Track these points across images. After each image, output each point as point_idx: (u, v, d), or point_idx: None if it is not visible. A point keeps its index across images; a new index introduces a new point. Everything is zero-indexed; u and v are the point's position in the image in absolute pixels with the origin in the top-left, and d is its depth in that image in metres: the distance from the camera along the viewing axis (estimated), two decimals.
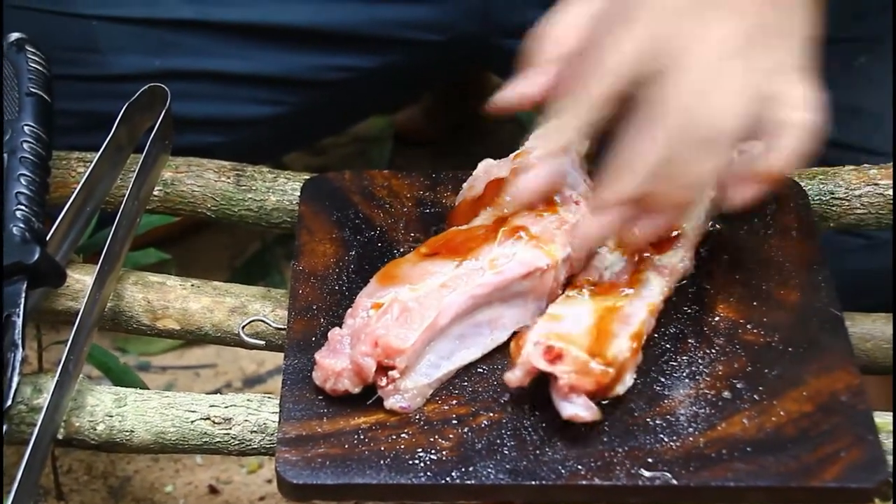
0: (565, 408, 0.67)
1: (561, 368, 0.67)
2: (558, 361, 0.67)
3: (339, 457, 0.67)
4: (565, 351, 0.67)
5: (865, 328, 0.77)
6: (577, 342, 0.68)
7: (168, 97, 0.80)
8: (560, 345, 0.67)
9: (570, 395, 0.67)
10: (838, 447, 0.67)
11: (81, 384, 0.72)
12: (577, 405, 0.67)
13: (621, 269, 0.73)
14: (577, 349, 0.67)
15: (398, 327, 0.68)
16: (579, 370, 0.67)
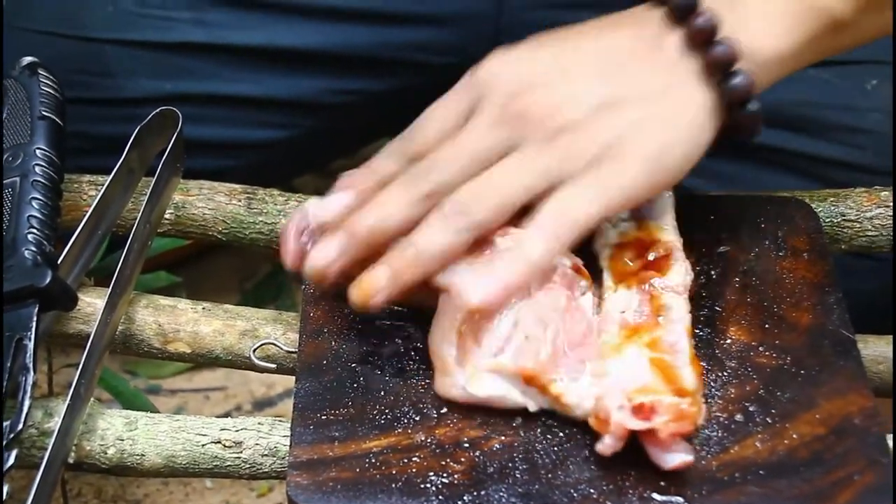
0: (670, 459, 0.66)
1: (659, 420, 0.65)
2: (653, 415, 0.65)
3: (350, 481, 0.66)
4: (657, 403, 0.65)
5: (878, 350, 0.77)
6: (659, 389, 0.66)
7: (180, 120, 0.81)
8: (648, 398, 0.66)
9: (672, 444, 0.66)
10: (852, 470, 0.66)
11: (92, 408, 0.72)
12: (680, 451, 0.66)
13: (638, 304, 0.72)
14: (667, 396, 0.66)
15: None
16: (676, 416, 0.65)
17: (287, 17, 1.02)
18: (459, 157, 0.70)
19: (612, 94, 0.70)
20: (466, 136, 0.71)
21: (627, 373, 0.68)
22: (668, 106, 0.70)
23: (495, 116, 0.70)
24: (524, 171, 0.69)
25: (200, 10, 1.01)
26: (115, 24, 1.00)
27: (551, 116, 0.70)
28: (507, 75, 0.71)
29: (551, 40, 0.73)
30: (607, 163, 0.69)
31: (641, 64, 0.71)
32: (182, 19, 1.01)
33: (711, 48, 0.70)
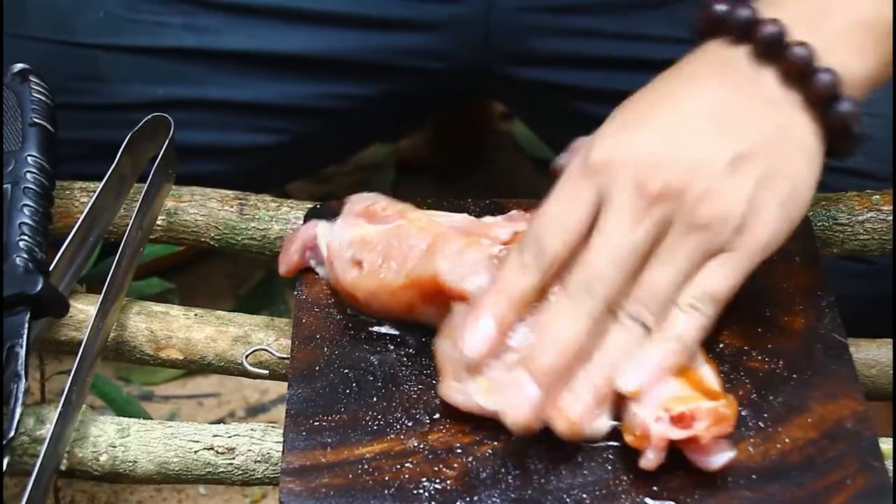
0: (715, 461, 0.66)
1: (700, 426, 0.65)
2: (694, 422, 0.65)
3: (343, 487, 0.66)
4: (696, 410, 0.65)
5: (870, 354, 0.77)
6: (691, 396, 0.66)
7: (171, 127, 0.81)
8: (686, 407, 0.65)
9: (714, 447, 0.65)
10: (844, 474, 0.66)
11: (84, 414, 0.72)
12: (724, 450, 0.66)
13: None
14: (703, 402, 0.66)
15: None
16: (716, 420, 0.65)
17: (278, 22, 1.02)
18: (618, 261, 0.67)
19: (736, 150, 0.68)
20: (614, 235, 0.67)
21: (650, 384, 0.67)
22: (785, 145, 0.69)
23: (634, 206, 0.67)
24: (679, 260, 0.68)
25: (192, 16, 1.01)
26: (106, 29, 1.00)
27: (688, 191, 0.67)
28: (629, 158, 0.68)
29: (649, 106, 0.71)
30: (750, 223, 0.68)
31: (750, 110, 0.69)
32: (173, 24, 1.01)
33: (813, 79, 0.69)
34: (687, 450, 0.66)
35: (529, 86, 1.06)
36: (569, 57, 1.03)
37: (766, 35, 0.70)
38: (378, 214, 0.75)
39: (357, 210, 0.76)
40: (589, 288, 0.67)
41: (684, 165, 0.68)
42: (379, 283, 0.73)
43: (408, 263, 0.72)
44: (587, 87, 1.04)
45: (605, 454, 0.68)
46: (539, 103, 1.10)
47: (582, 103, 1.04)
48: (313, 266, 0.77)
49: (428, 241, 0.73)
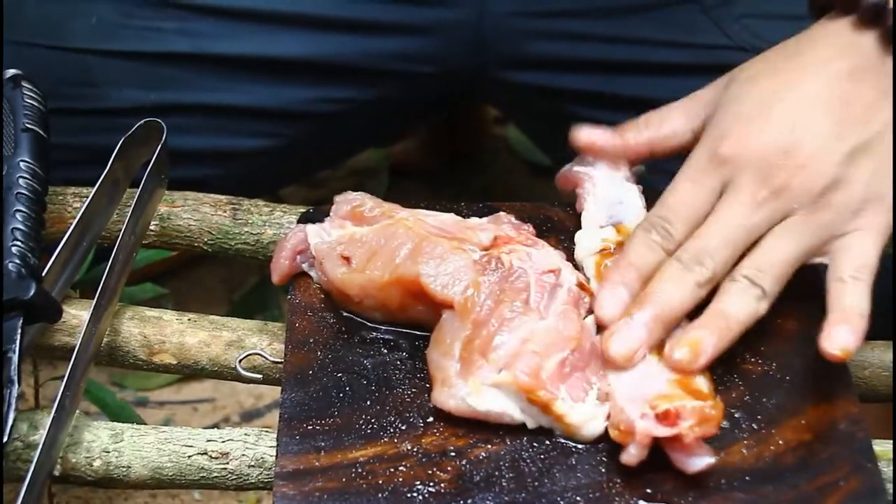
0: (695, 463, 0.66)
1: (685, 425, 0.65)
2: (679, 420, 0.65)
3: (336, 490, 0.66)
4: (681, 408, 0.66)
5: (863, 356, 0.77)
6: (678, 394, 0.67)
7: (164, 132, 0.81)
8: (672, 404, 0.66)
9: (696, 448, 0.66)
10: (837, 476, 0.66)
11: (78, 420, 0.72)
12: (704, 454, 0.66)
13: None
14: (689, 401, 0.66)
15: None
16: (700, 420, 0.66)
17: (271, 26, 1.02)
18: (730, 240, 0.71)
19: (854, 142, 0.72)
20: (733, 214, 0.72)
21: (639, 382, 0.68)
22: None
23: (754, 196, 0.71)
24: (797, 240, 0.71)
25: (184, 21, 1.01)
26: (98, 35, 1.00)
27: (808, 184, 0.71)
28: (753, 150, 0.72)
29: (773, 94, 0.73)
30: (871, 208, 0.71)
31: (872, 101, 0.72)
32: (166, 29, 1.01)
33: None
34: (669, 448, 0.66)
35: (523, 90, 1.06)
36: (562, 61, 1.04)
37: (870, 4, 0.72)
38: (365, 215, 0.76)
39: (343, 212, 0.77)
40: (699, 260, 0.70)
41: (805, 161, 0.71)
42: (367, 279, 0.73)
43: (395, 261, 0.73)
44: (581, 91, 1.04)
45: (598, 457, 0.68)
46: (532, 107, 1.10)
47: (575, 107, 1.04)
48: (306, 270, 0.77)
49: (415, 241, 0.73)
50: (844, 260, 0.71)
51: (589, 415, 0.68)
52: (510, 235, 0.75)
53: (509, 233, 0.75)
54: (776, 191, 0.72)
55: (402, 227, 0.74)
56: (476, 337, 0.69)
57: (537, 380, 0.68)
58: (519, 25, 1.02)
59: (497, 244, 0.74)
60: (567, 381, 0.69)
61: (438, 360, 0.71)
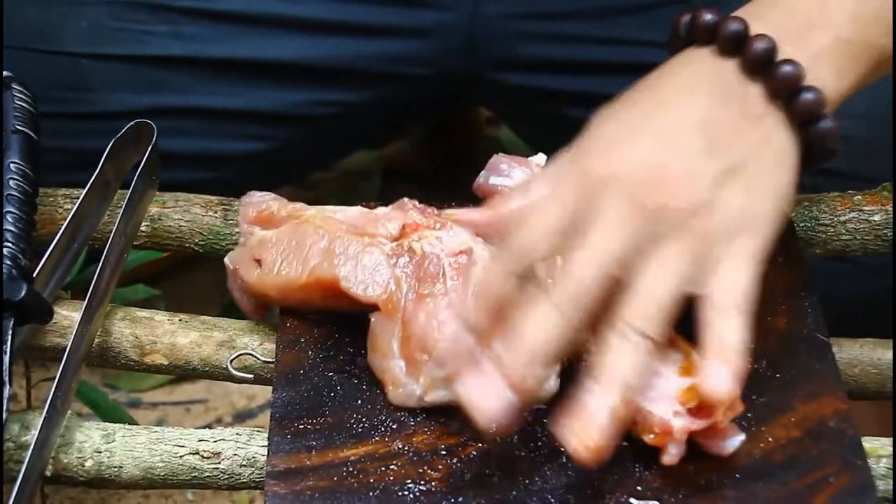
0: (730, 444, 0.66)
1: (718, 413, 0.65)
2: (712, 409, 0.65)
3: (328, 489, 0.67)
4: None
5: (853, 353, 0.77)
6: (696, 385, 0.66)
7: (154, 133, 0.81)
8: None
9: (729, 432, 0.66)
10: (827, 473, 0.67)
11: (70, 420, 0.72)
12: (737, 433, 0.66)
13: None
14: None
15: None
16: (730, 402, 0.65)
17: (264, 29, 1.02)
18: (601, 275, 0.66)
19: (725, 165, 0.69)
20: (600, 249, 0.67)
21: (650, 382, 0.67)
22: (769, 158, 0.70)
23: (622, 220, 0.67)
24: (674, 272, 0.67)
25: (177, 24, 1.01)
26: (90, 38, 1.00)
27: (679, 206, 0.67)
28: (619, 170, 0.68)
29: (642, 116, 0.71)
30: (745, 231, 0.68)
31: (737, 125, 0.70)
32: (158, 33, 1.01)
33: (798, 97, 0.70)
34: (703, 438, 0.66)
35: (516, 91, 1.06)
36: (555, 62, 1.04)
37: (757, 51, 0.70)
38: (273, 217, 0.76)
39: (250, 216, 0.77)
40: (567, 294, 0.66)
41: (673, 182, 0.68)
42: (284, 280, 0.73)
43: (310, 261, 0.73)
44: (573, 93, 1.04)
45: None
46: (525, 109, 1.10)
47: (568, 108, 1.04)
48: None
49: (326, 239, 0.73)
50: (721, 290, 0.67)
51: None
52: (417, 221, 0.74)
53: (416, 219, 0.74)
54: (645, 212, 0.67)
55: (311, 226, 0.74)
56: (410, 334, 0.70)
57: None
58: (512, 27, 1.03)
59: (406, 233, 0.74)
60: None
61: (381, 364, 0.71)
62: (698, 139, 0.69)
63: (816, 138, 0.71)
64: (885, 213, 0.81)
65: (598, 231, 0.67)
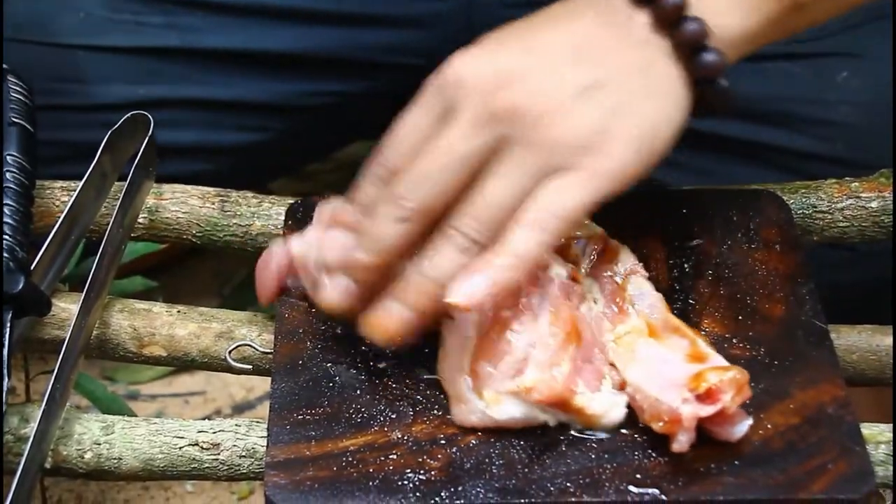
0: (738, 430, 0.66)
1: (727, 398, 0.65)
2: (720, 395, 0.65)
3: (327, 479, 0.67)
4: (720, 382, 0.65)
5: (851, 340, 0.77)
6: (704, 371, 0.66)
7: (151, 124, 0.81)
8: (710, 381, 0.66)
9: (737, 417, 0.66)
10: (826, 459, 0.67)
11: (69, 413, 0.72)
12: (744, 419, 0.66)
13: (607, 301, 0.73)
14: (720, 373, 0.66)
15: None
16: (738, 388, 0.66)
17: (260, 20, 1.02)
18: (445, 166, 0.67)
19: (590, 79, 0.68)
20: (447, 142, 0.68)
21: (659, 370, 0.68)
22: (647, 85, 0.69)
23: (475, 117, 0.67)
24: (517, 176, 0.67)
25: (173, 15, 1.01)
26: (87, 29, 1.00)
27: (531, 110, 0.67)
28: (480, 73, 0.69)
29: (517, 32, 0.72)
30: (597, 148, 0.67)
31: (613, 46, 0.70)
32: (154, 24, 1.01)
33: (681, 26, 0.70)
34: (711, 424, 0.66)
35: None
36: None
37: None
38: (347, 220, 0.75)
39: (325, 218, 0.76)
40: (408, 192, 0.67)
41: (533, 86, 0.68)
42: None
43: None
44: None
45: (588, 443, 0.68)
46: None
47: None
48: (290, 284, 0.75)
49: None
50: (535, 203, 0.66)
51: (609, 403, 0.68)
52: None
53: None
54: (498, 112, 0.67)
55: None
56: (482, 346, 0.69)
57: (554, 387, 0.67)
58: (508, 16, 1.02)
59: None
60: (581, 374, 0.69)
61: (451, 375, 0.70)
62: (567, 53, 0.69)
63: (703, 71, 0.70)
64: (882, 200, 0.81)
65: (449, 131, 0.68)
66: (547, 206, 0.67)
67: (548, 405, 0.68)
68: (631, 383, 0.68)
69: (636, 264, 0.74)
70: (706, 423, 0.66)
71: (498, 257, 0.66)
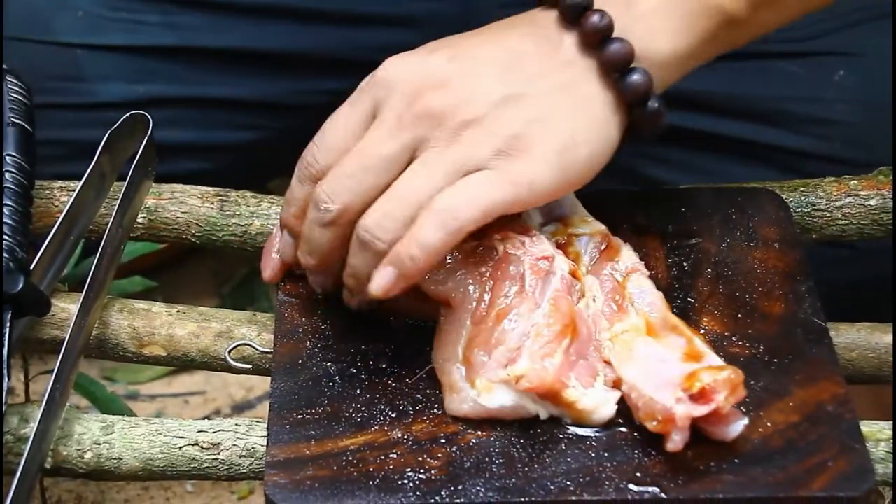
0: (733, 430, 0.66)
1: (720, 398, 0.65)
2: (714, 395, 0.65)
3: (328, 479, 0.67)
4: (714, 382, 0.66)
5: (850, 338, 0.78)
6: (699, 371, 0.67)
7: (150, 124, 0.81)
8: (704, 381, 0.66)
9: (731, 417, 0.66)
10: (825, 457, 0.67)
11: (69, 413, 0.72)
12: (739, 419, 0.67)
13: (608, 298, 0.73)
14: (715, 373, 0.66)
15: None
16: (732, 388, 0.66)
17: (256, 19, 1.02)
18: (366, 167, 0.69)
19: (512, 91, 0.70)
20: (369, 145, 0.70)
21: (656, 369, 0.68)
22: (569, 102, 0.71)
23: (398, 118, 0.70)
24: (431, 174, 0.69)
25: (170, 14, 1.01)
26: (84, 28, 1.00)
27: (453, 114, 0.69)
28: (406, 77, 0.71)
29: (453, 41, 0.73)
30: (515, 155, 0.69)
31: (540, 63, 0.71)
32: (152, 23, 1.01)
33: (606, 47, 0.71)
34: (706, 424, 0.66)
35: None
36: None
37: (572, 3, 0.72)
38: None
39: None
40: (334, 193, 0.69)
41: (455, 93, 0.70)
42: None
43: None
44: None
45: (588, 442, 0.68)
46: None
47: None
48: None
49: None
50: (448, 192, 0.68)
51: (600, 399, 0.68)
52: (502, 223, 0.74)
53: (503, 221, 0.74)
54: (419, 114, 0.69)
55: None
56: (477, 335, 0.70)
57: (545, 377, 0.68)
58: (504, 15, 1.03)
59: (489, 233, 0.74)
60: (574, 368, 0.69)
61: (443, 365, 0.71)
62: (495, 64, 0.71)
63: (630, 92, 0.71)
64: (881, 198, 0.81)
65: (373, 132, 0.70)
66: (461, 197, 0.68)
67: (538, 395, 0.68)
68: (626, 381, 0.69)
69: (637, 262, 0.74)
70: (701, 422, 0.66)
71: (404, 248, 0.68)
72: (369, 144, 0.70)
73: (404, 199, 0.69)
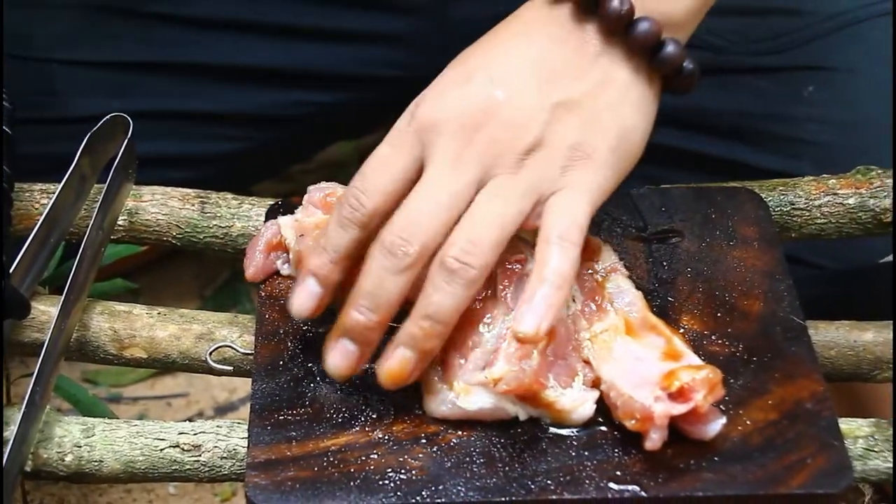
0: (711, 429, 0.67)
1: (699, 396, 0.66)
2: (693, 394, 0.66)
3: (308, 479, 0.67)
4: (693, 381, 0.66)
5: (829, 336, 0.78)
6: (678, 369, 0.67)
7: (130, 126, 0.81)
8: (682, 380, 0.66)
9: (710, 416, 0.67)
10: (804, 454, 0.67)
11: (49, 415, 0.72)
12: (718, 418, 0.67)
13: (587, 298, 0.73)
14: (694, 372, 0.66)
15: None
16: (710, 387, 0.66)
17: (235, 35, 1.02)
18: (436, 209, 0.68)
19: (556, 100, 0.70)
20: (434, 184, 0.68)
21: (634, 367, 0.68)
22: (611, 94, 0.71)
23: (456, 156, 0.68)
24: (507, 200, 0.68)
25: (149, 29, 1.01)
26: (62, 44, 1.00)
27: (512, 144, 0.69)
28: (451, 116, 0.69)
29: (473, 63, 0.72)
30: (579, 166, 0.69)
31: (571, 62, 0.71)
32: (130, 38, 1.01)
33: (633, 30, 0.70)
34: (684, 422, 0.67)
35: None
36: None
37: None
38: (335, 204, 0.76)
39: (315, 200, 0.77)
40: (404, 240, 0.67)
41: (508, 120, 0.69)
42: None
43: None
44: None
45: (568, 441, 0.68)
46: None
47: None
48: (279, 267, 0.77)
49: None
50: (551, 221, 0.68)
51: (579, 399, 0.68)
52: None
53: None
54: (477, 149, 0.68)
55: None
56: (454, 338, 0.69)
57: (523, 380, 0.68)
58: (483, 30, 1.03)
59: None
60: (552, 369, 0.69)
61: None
62: (531, 77, 0.70)
63: (667, 65, 0.71)
64: (859, 197, 0.82)
65: (432, 171, 0.68)
66: (564, 221, 0.68)
67: (517, 397, 0.68)
68: (605, 380, 0.69)
69: (617, 262, 0.74)
70: (679, 421, 0.66)
71: (545, 282, 0.67)
72: (434, 183, 0.68)
73: (489, 224, 0.68)
